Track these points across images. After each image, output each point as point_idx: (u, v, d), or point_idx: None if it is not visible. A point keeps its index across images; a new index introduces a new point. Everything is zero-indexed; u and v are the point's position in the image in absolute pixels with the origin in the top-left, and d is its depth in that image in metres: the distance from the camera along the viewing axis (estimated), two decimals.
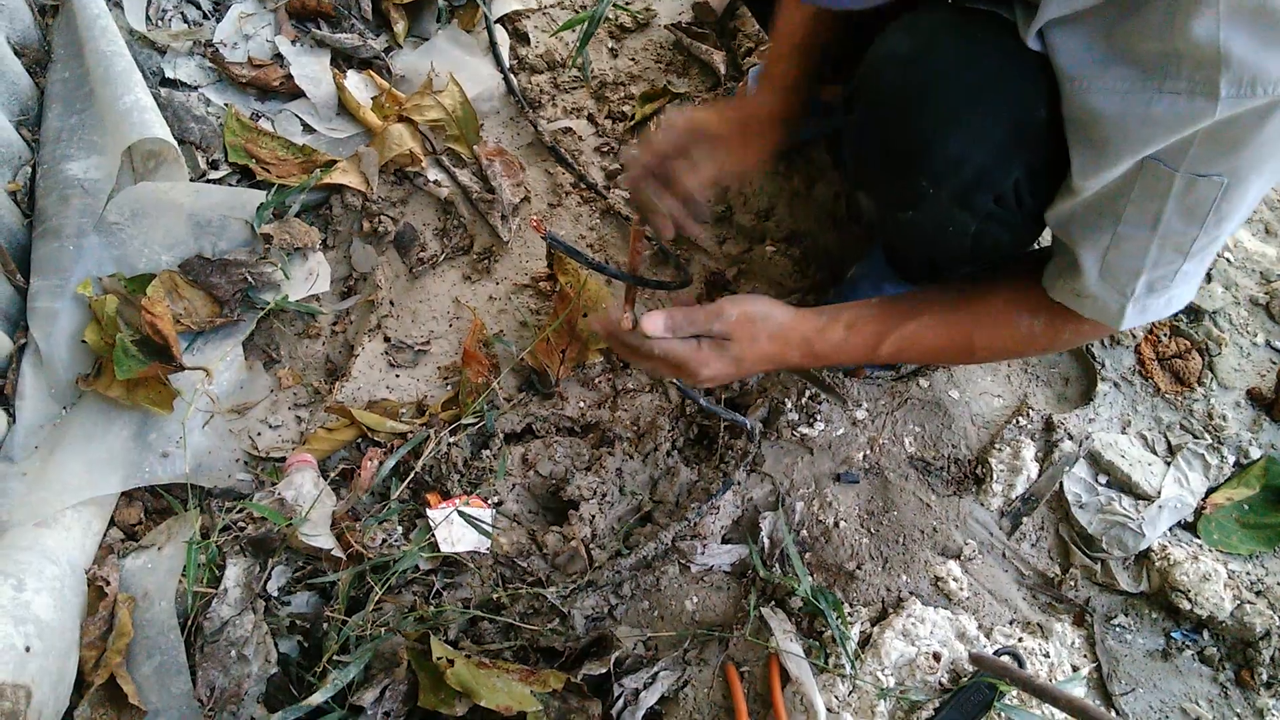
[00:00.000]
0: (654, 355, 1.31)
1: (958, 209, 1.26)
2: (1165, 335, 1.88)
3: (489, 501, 1.62)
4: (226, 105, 1.97)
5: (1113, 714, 1.54)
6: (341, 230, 1.92)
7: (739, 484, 1.69)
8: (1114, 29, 1.01)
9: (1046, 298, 1.29)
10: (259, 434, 1.71)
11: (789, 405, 1.75)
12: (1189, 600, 1.60)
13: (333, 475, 1.65)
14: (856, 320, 1.38)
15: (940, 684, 1.49)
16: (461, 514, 1.53)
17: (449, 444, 1.64)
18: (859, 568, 1.62)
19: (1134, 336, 1.88)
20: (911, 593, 1.61)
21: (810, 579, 1.59)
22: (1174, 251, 1.12)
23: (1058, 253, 1.27)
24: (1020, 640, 1.57)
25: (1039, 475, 1.73)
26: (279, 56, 2.06)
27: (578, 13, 2.26)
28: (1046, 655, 1.56)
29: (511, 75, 2.16)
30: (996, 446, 1.75)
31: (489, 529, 1.56)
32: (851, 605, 1.59)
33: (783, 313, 1.36)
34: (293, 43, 2.08)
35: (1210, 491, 1.73)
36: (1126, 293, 1.18)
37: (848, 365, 1.43)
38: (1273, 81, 0.91)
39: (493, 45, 2.07)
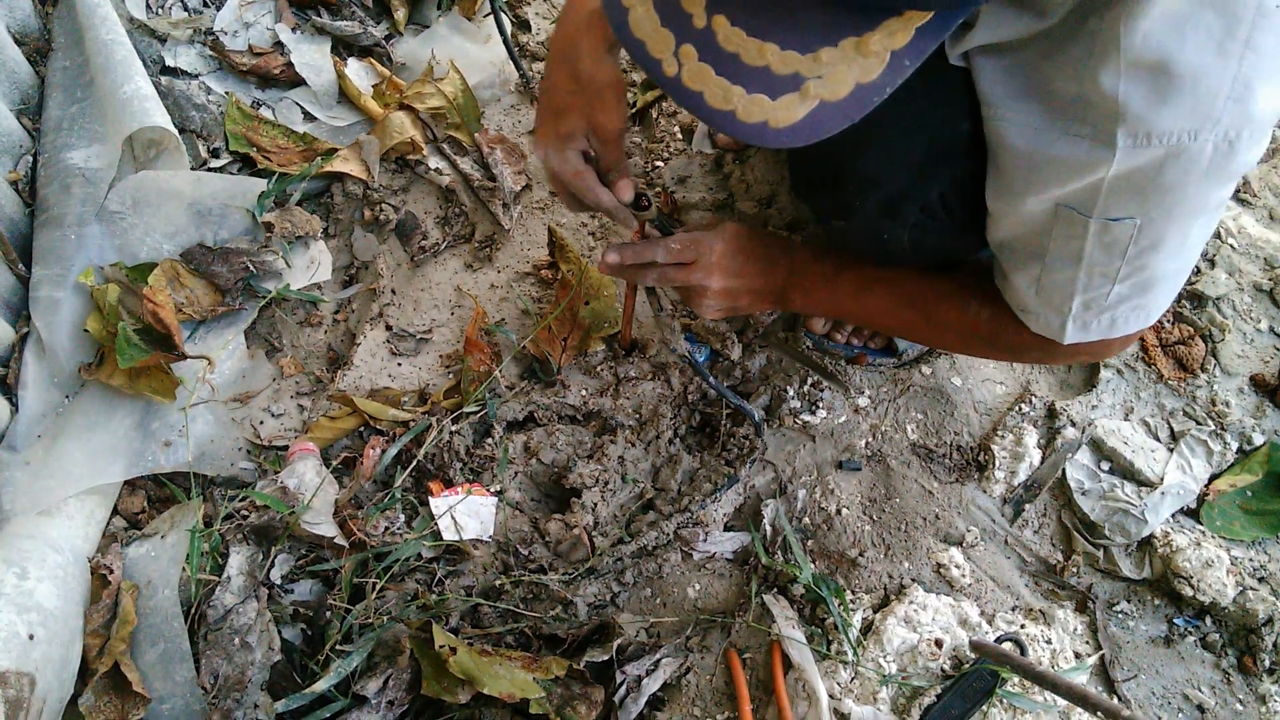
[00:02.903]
0: (659, 263, 1.42)
1: (885, 219, 1.31)
2: (1169, 322, 1.88)
3: (491, 490, 1.62)
4: (227, 93, 1.96)
5: (1115, 700, 1.54)
6: (343, 218, 1.92)
7: (742, 475, 1.69)
8: (1035, 65, 1.04)
9: (999, 295, 1.32)
10: (261, 422, 1.71)
11: (791, 393, 1.75)
12: (1191, 587, 1.60)
13: (335, 464, 1.65)
14: (821, 249, 1.51)
15: (942, 670, 1.50)
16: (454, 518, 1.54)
17: (451, 432, 1.64)
18: (861, 555, 1.62)
19: None
20: (914, 579, 1.61)
21: (812, 566, 1.59)
22: (1101, 278, 1.15)
23: (996, 267, 1.31)
24: (1023, 627, 1.57)
25: (1041, 462, 1.73)
26: (279, 44, 2.05)
27: None
28: (1049, 642, 1.56)
29: (519, 57, 2.15)
30: (999, 433, 1.75)
31: (491, 519, 1.56)
32: (854, 592, 1.59)
33: (748, 250, 1.48)
34: (293, 30, 2.07)
35: (1213, 478, 1.73)
36: (1064, 310, 1.21)
37: (815, 290, 1.56)
38: (1165, 134, 0.96)
39: (500, 28, 2.06)
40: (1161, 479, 1.68)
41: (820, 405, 1.75)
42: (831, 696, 1.47)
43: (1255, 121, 0.96)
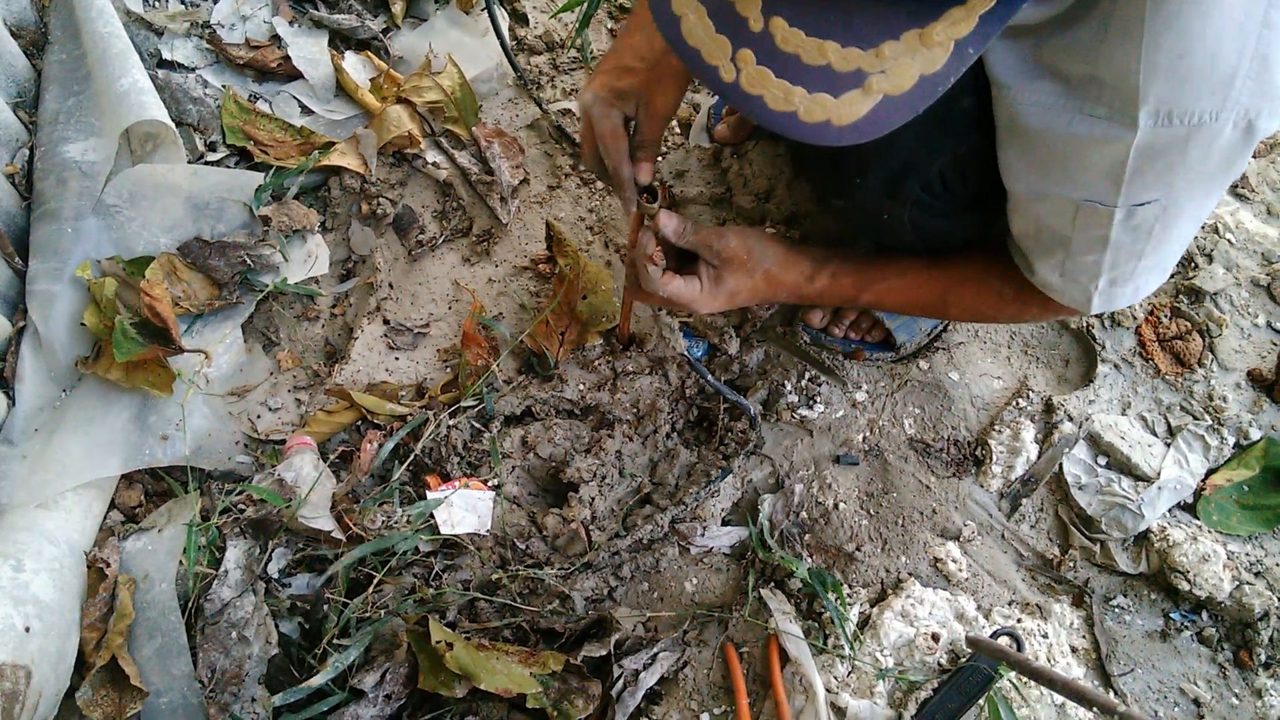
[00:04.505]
0: (659, 295, 1.40)
1: (887, 198, 1.32)
2: (1166, 316, 1.88)
3: (489, 484, 1.62)
4: (224, 87, 1.96)
5: (1111, 695, 1.54)
6: (340, 212, 1.92)
7: (738, 466, 1.69)
8: (1044, 47, 1.05)
9: (1019, 271, 1.34)
10: (258, 416, 1.71)
11: (789, 387, 1.75)
12: (1188, 581, 1.60)
13: (332, 458, 1.65)
14: (840, 270, 1.47)
15: (939, 664, 1.50)
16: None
17: (448, 426, 1.64)
18: (858, 549, 1.62)
19: (1134, 318, 1.87)
20: (910, 574, 1.61)
21: (809, 560, 1.59)
22: (1128, 256, 1.18)
23: (1016, 252, 1.32)
24: (1019, 621, 1.57)
25: (1038, 457, 1.73)
26: (276, 38, 2.05)
27: None
28: (1045, 636, 1.56)
29: (514, 52, 2.15)
30: (996, 428, 1.75)
31: (488, 513, 1.56)
32: (851, 586, 1.59)
33: (776, 251, 1.44)
34: (290, 24, 2.07)
35: (1210, 473, 1.73)
36: (1090, 288, 1.24)
37: (829, 305, 1.69)
38: (1188, 114, 0.98)
39: (494, 24, 2.06)
40: (1158, 474, 1.68)
41: (818, 400, 1.75)
42: (828, 690, 1.47)
43: (1273, 99, 0.98)
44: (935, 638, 1.51)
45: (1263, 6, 0.92)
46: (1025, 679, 1.47)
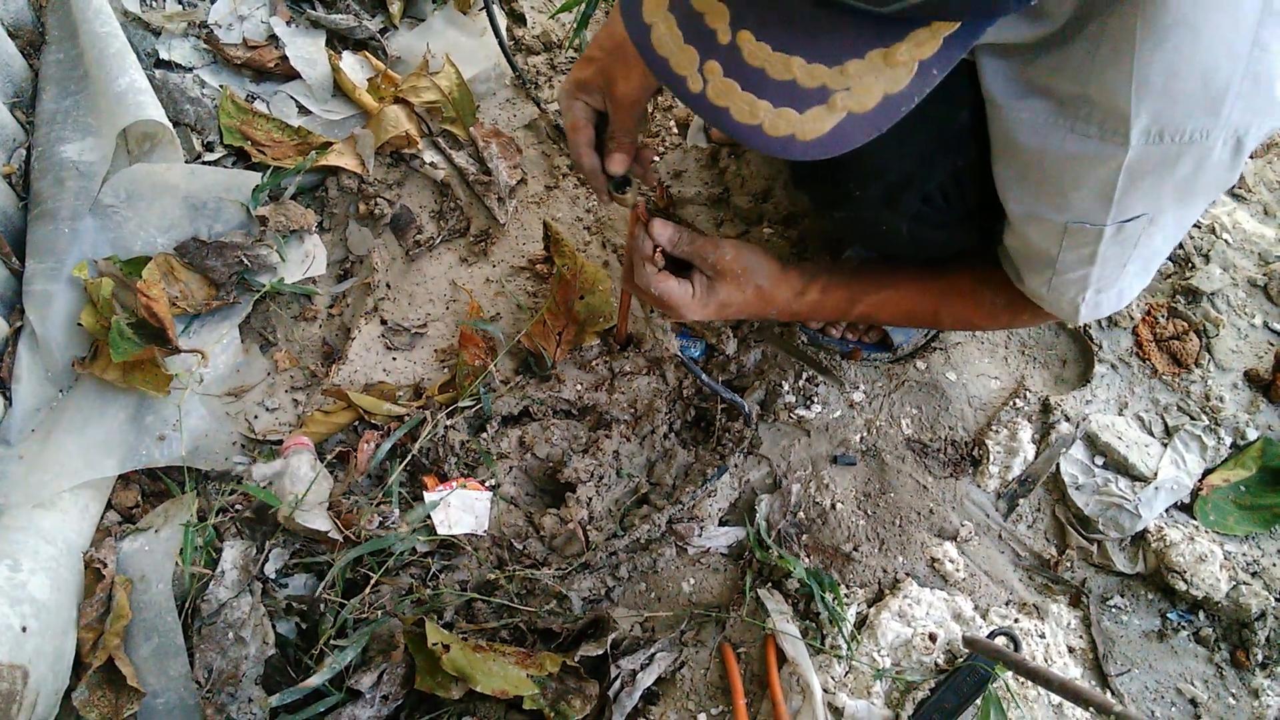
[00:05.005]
0: (650, 291, 1.38)
1: (886, 210, 1.32)
2: (1163, 316, 1.88)
3: (486, 484, 1.62)
4: (221, 87, 1.96)
5: (1108, 695, 1.54)
6: (337, 212, 1.92)
7: (735, 466, 1.69)
8: (1036, 66, 1.06)
9: (1010, 281, 1.35)
10: (256, 417, 1.71)
11: (786, 388, 1.75)
12: (1185, 581, 1.60)
13: (330, 458, 1.65)
14: (831, 285, 1.47)
15: (936, 664, 1.50)
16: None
17: (446, 427, 1.64)
18: (856, 549, 1.62)
19: (1131, 318, 1.88)
20: (908, 574, 1.61)
21: (806, 560, 1.59)
22: (1115, 267, 1.20)
23: (1007, 264, 1.34)
24: (1016, 621, 1.57)
25: (1036, 457, 1.73)
26: (274, 38, 2.05)
27: None
28: (1042, 636, 1.57)
29: (513, 52, 2.14)
30: (993, 428, 1.75)
31: (486, 513, 1.56)
32: (848, 586, 1.59)
33: (769, 267, 1.43)
34: (288, 24, 2.06)
35: (1207, 473, 1.73)
36: (1077, 300, 1.26)
37: (822, 320, 1.72)
38: (1180, 132, 0.99)
39: (492, 24, 2.06)
40: (1155, 474, 1.68)
41: (815, 400, 1.75)
42: (825, 690, 1.47)
43: (1262, 116, 0.99)
44: (932, 638, 1.51)
45: (1253, 27, 0.93)
46: (1022, 679, 1.47)
